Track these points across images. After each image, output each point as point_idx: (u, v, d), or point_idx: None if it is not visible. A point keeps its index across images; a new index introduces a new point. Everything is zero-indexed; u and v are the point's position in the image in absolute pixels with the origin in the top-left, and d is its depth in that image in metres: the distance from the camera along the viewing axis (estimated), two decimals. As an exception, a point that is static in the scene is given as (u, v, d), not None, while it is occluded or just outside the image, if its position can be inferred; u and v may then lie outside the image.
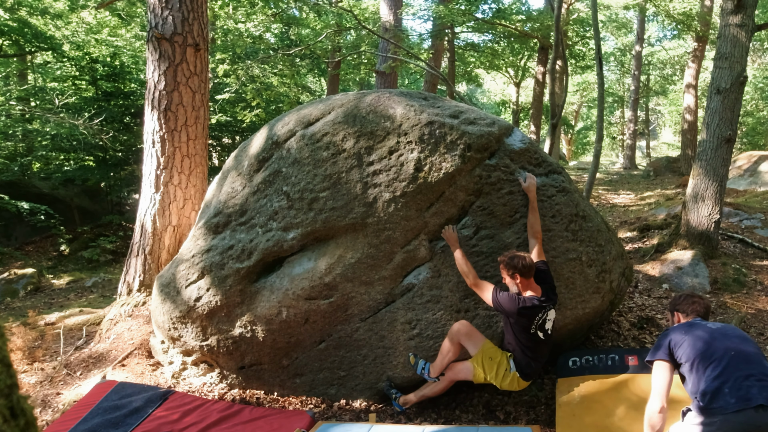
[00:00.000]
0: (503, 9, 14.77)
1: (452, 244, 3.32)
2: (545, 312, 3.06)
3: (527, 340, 3.05)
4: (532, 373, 3.14)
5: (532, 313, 3.01)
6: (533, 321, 3.01)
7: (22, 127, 11.17)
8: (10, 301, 7.59)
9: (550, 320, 3.10)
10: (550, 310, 3.09)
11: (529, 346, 3.07)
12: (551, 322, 3.11)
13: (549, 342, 3.14)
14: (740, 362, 2.26)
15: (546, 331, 3.09)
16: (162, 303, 4.00)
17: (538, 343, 3.07)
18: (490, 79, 27.77)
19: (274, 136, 3.72)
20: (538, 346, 3.08)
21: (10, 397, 0.85)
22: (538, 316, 3.03)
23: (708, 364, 2.31)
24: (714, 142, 5.55)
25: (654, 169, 15.46)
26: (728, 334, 2.41)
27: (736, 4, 5.41)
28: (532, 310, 3.00)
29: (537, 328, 3.04)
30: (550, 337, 3.13)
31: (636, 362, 3.34)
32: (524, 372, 3.12)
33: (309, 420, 3.31)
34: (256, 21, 12.93)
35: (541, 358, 3.15)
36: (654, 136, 30.44)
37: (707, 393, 2.23)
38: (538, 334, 3.06)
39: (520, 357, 3.09)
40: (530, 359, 3.10)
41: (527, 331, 3.03)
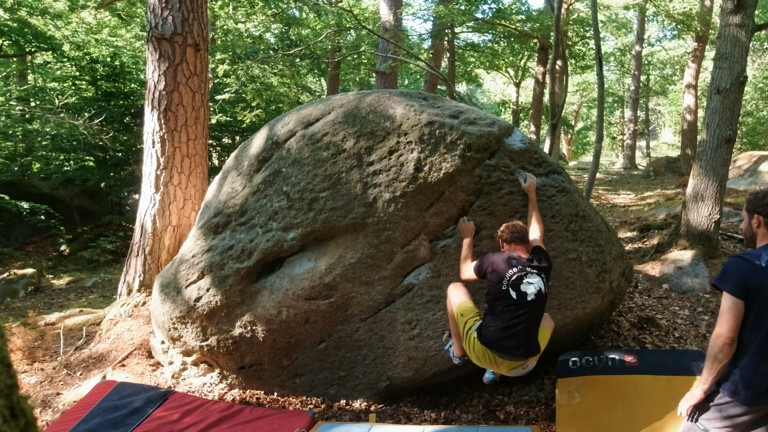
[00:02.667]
0: (503, 9, 14.76)
1: (467, 235, 3.24)
2: (524, 272, 2.79)
3: (497, 299, 2.79)
4: (494, 340, 2.76)
5: (503, 266, 2.79)
6: (504, 275, 2.77)
7: (22, 127, 11.17)
8: (10, 301, 7.59)
9: (531, 283, 2.77)
10: (533, 274, 2.80)
11: (497, 306, 2.79)
12: (533, 287, 2.77)
13: (528, 310, 2.76)
14: None
15: (523, 293, 2.76)
16: (162, 303, 4.01)
17: (511, 304, 2.75)
18: (490, 79, 27.76)
19: (274, 136, 3.72)
20: (509, 308, 2.75)
21: (10, 397, 0.85)
22: (511, 270, 2.78)
23: None
24: (714, 142, 5.55)
25: (654, 169, 15.46)
26: None
27: (736, 4, 5.41)
28: (502, 262, 2.80)
29: (509, 285, 2.76)
30: (531, 306, 2.76)
31: (636, 362, 3.34)
32: (482, 334, 2.81)
33: (309, 420, 3.31)
34: (256, 21, 12.92)
35: (514, 329, 2.74)
36: (654, 136, 30.44)
37: None
38: (510, 292, 2.76)
39: (487, 320, 2.83)
40: (493, 321, 2.79)
41: (499, 290, 2.78)
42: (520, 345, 2.78)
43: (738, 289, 1.96)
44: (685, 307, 4.94)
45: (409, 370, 3.59)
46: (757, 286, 1.94)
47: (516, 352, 2.78)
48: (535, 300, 2.77)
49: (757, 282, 1.94)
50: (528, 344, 2.81)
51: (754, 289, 1.94)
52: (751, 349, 1.97)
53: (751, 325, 1.96)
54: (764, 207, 2.07)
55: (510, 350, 2.77)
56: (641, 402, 3.13)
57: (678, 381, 3.16)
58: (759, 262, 1.96)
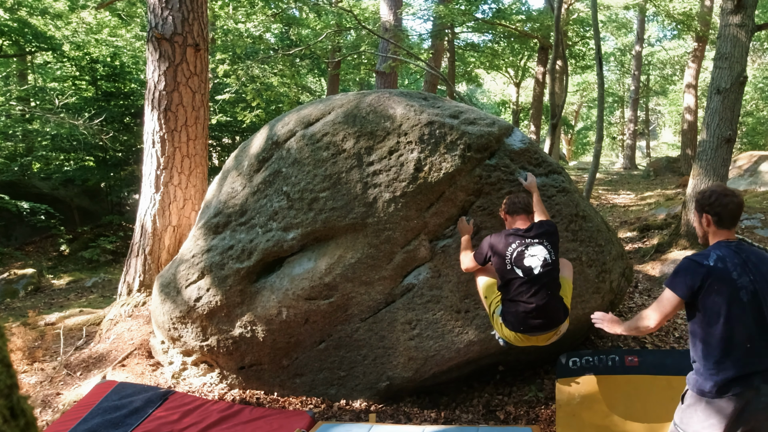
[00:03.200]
0: (503, 9, 14.76)
1: (464, 234, 3.20)
2: (523, 245, 2.70)
3: (507, 281, 2.73)
4: (519, 323, 2.73)
5: (502, 245, 2.72)
6: (505, 253, 2.71)
7: (22, 127, 11.17)
8: (10, 301, 7.59)
9: (533, 255, 2.68)
10: (534, 245, 2.71)
11: (510, 289, 2.72)
12: (536, 259, 2.68)
13: (540, 285, 2.67)
14: None
15: (528, 269, 2.67)
16: (162, 303, 4.01)
17: (522, 284, 2.68)
18: (490, 79, 27.76)
19: (274, 136, 3.72)
20: (521, 288, 2.68)
21: (10, 397, 0.85)
22: (510, 247, 2.70)
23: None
24: (714, 142, 5.55)
25: (654, 169, 15.46)
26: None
27: (736, 4, 5.41)
28: (501, 241, 2.74)
29: (513, 263, 2.69)
30: (541, 279, 2.67)
31: (636, 362, 3.34)
32: (507, 320, 2.77)
33: (309, 420, 3.31)
34: (256, 21, 12.92)
35: (534, 308, 2.68)
36: (654, 136, 30.44)
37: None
38: (516, 271, 2.68)
39: (506, 306, 2.78)
40: (512, 306, 2.74)
41: (504, 269, 2.73)
42: (545, 321, 2.72)
43: (683, 291, 2.00)
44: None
45: (409, 370, 3.59)
46: (705, 286, 1.96)
47: (544, 329, 2.74)
48: (543, 272, 2.68)
49: (706, 282, 1.96)
50: (553, 316, 2.73)
51: (703, 288, 1.97)
52: (710, 345, 1.99)
53: (707, 323, 1.99)
54: (711, 206, 2.07)
55: (537, 328, 2.73)
56: (641, 402, 3.13)
57: (678, 381, 3.15)
58: (707, 262, 1.99)
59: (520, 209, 2.85)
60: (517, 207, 2.85)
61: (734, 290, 1.95)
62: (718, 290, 1.95)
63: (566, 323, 2.86)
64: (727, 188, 2.09)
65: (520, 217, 2.85)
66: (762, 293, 1.97)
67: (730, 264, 1.97)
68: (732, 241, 2.07)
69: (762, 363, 1.93)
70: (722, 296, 1.95)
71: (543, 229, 2.80)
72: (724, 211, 2.05)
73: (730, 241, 2.06)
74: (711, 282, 1.95)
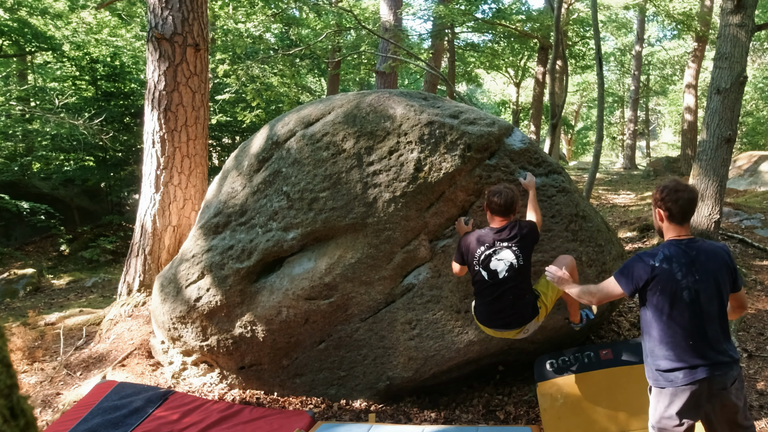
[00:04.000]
0: (503, 9, 14.76)
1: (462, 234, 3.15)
2: (491, 248, 2.75)
3: (475, 281, 2.85)
4: (485, 319, 2.87)
5: (473, 245, 2.79)
6: (475, 255, 2.79)
7: (22, 127, 11.16)
8: (10, 301, 7.59)
9: (500, 260, 2.73)
10: (503, 249, 2.75)
11: (477, 287, 2.85)
12: (503, 263, 2.73)
13: (504, 288, 2.74)
14: None
15: (493, 272, 2.74)
16: (162, 303, 4.01)
17: (487, 286, 2.77)
18: (490, 79, 27.76)
19: (274, 136, 3.72)
20: (487, 289, 2.78)
21: (10, 397, 0.85)
22: (479, 249, 2.77)
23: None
24: (714, 142, 5.55)
25: (654, 169, 15.46)
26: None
27: (736, 4, 5.40)
28: (473, 242, 2.80)
29: (480, 265, 2.77)
30: (505, 283, 2.74)
31: (611, 356, 3.34)
32: (477, 313, 2.93)
33: (309, 420, 3.31)
34: (256, 21, 12.92)
35: (497, 308, 2.78)
36: (654, 136, 30.44)
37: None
38: (482, 273, 2.76)
39: (476, 301, 2.92)
40: (480, 304, 2.87)
41: (472, 270, 2.83)
42: (507, 321, 2.83)
43: (627, 288, 2.10)
44: (685, 307, 4.93)
45: (409, 370, 3.59)
46: (650, 285, 2.03)
47: (507, 328, 2.85)
48: (507, 277, 2.74)
49: (651, 281, 2.03)
50: (515, 317, 2.82)
51: (648, 285, 2.04)
52: (655, 339, 2.08)
53: (653, 319, 2.07)
54: (664, 201, 2.08)
55: (502, 326, 2.86)
56: (622, 393, 3.14)
57: None
58: (653, 262, 2.04)
59: (496, 210, 2.84)
60: (493, 207, 2.84)
61: (677, 290, 2.01)
62: (662, 290, 2.02)
63: (536, 322, 2.90)
64: (681, 183, 2.10)
65: (497, 218, 2.86)
66: (705, 293, 2.02)
67: (675, 264, 2.01)
68: (683, 238, 2.08)
69: (705, 357, 2.01)
70: (665, 295, 2.02)
71: (515, 232, 2.80)
72: (675, 207, 2.06)
73: (681, 240, 2.08)
74: (656, 281, 2.02)
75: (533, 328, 2.93)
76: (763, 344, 4.20)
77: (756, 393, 3.52)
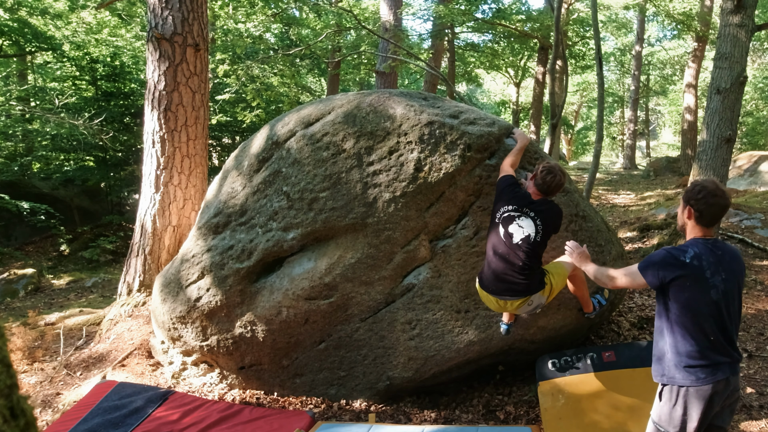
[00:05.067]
0: (503, 9, 14.77)
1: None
2: (518, 212, 2.79)
3: (490, 232, 2.89)
4: (487, 282, 2.88)
5: (504, 199, 2.84)
6: (500, 208, 2.84)
7: (22, 127, 11.16)
8: (10, 301, 7.59)
9: (521, 227, 2.76)
10: (527, 218, 2.78)
11: (489, 242, 2.89)
12: (522, 231, 2.76)
13: (513, 252, 2.76)
14: None
15: (509, 234, 2.77)
16: (162, 303, 4.01)
17: (497, 243, 2.82)
18: (490, 79, 27.76)
19: (274, 136, 3.72)
20: (496, 248, 2.83)
21: (10, 397, 0.85)
22: (507, 206, 2.81)
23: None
24: (714, 142, 5.55)
25: (654, 169, 15.45)
26: None
27: (736, 4, 5.40)
28: (505, 195, 2.84)
29: (500, 220, 2.83)
30: (515, 249, 2.76)
31: (613, 358, 3.34)
32: (480, 276, 2.95)
33: (309, 420, 3.31)
34: (256, 21, 12.91)
35: (500, 271, 2.80)
36: (654, 136, 30.43)
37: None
38: (499, 228, 2.81)
39: (484, 262, 2.94)
40: (488, 267, 2.88)
41: (492, 219, 2.88)
42: (506, 287, 2.82)
43: (653, 281, 2.08)
44: (685, 307, 4.93)
45: (409, 370, 3.59)
46: (678, 281, 2.02)
47: (507, 294, 2.82)
48: (520, 245, 2.77)
49: (680, 278, 2.02)
50: (516, 285, 2.81)
51: (674, 281, 2.03)
52: (680, 337, 2.06)
53: (677, 316, 2.05)
54: (697, 201, 2.08)
55: (502, 292, 2.83)
56: (624, 396, 3.14)
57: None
58: (684, 258, 2.04)
59: (541, 185, 2.84)
60: (539, 182, 2.85)
61: (706, 288, 2.02)
62: (690, 287, 2.02)
63: (542, 295, 2.88)
64: (719, 188, 2.09)
65: (538, 192, 2.88)
66: (730, 293, 2.05)
67: (705, 262, 2.03)
68: (709, 238, 2.10)
69: (727, 355, 2.04)
70: (694, 293, 2.02)
71: (545, 208, 2.83)
72: (708, 210, 2.06)
73: (707, 239, 2.10)
74: (685, 278, 2.02)
75: (537, 302, 2.90)
76: (763, 344, 4.21)
77: (756, 393, 3.52)
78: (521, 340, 3.58)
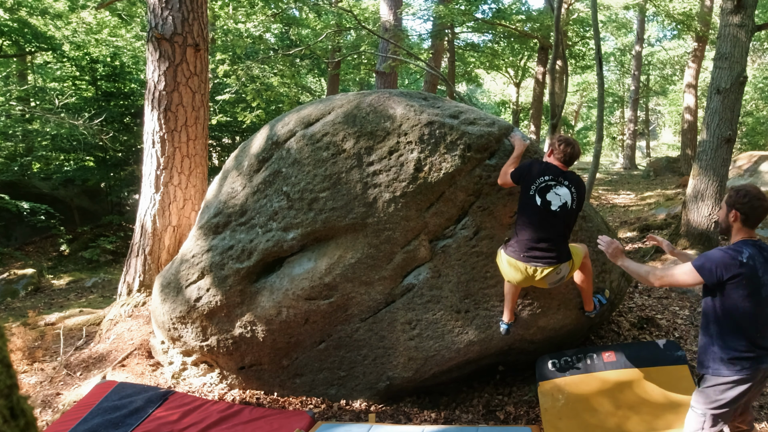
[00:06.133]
0: (503, 9, 14.75)
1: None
2: (554, 181, 2.87)
3: (523, 206, 2.90)
4: (521, 249, 2.89)
5: (536, 171, 2.88)
6: (535, 180, 2.88)
7: (22, 128, 11.16)
8: (10, 301, 7.59)
9: (558, 194, 2.86)
10: (563, 186, 2.88)
11: (523, 215, 2.90)
12: (559, 199, 2.85)
13: (551, 220, 2.85)
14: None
15: (547, 202, 2.84)
16: (162, 303, 4.01)
17: (535, 213, 2.86)
18: (490, 79, 27.75)
19: (274, 136, 3.72)
20: (533, 217, 2.86)
21: (10, 397, 0.85)
22: (542, 177, 2.87)
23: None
24: (714, 142, 5.55)
25: (654, 169, 15.46)
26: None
27: (736, 4, 5.41)
28: (537, 168, 2.89)
29: (536, 191, 2.87)
30: (554, 216, 2.85)
31: (614, 358, 3.34)
32: (510, 248, 2.93)
33: (309, 420, 3.31)
34: (256, 21, 12.90)
35: (539, 237, 2.85)
36: (654, 136, 30.43)
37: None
38: (536, 199, 2.85)
39: (516, 231, 2.95)
40: (520, 232, 2.90)
41: (526, 194, 2.89)
42: (546, 253, 2.87)
43: (710, 279, 2.20)
44: (685, 307, 4.94)
45: (409, 370, 3.59)
46: (735, 280, 2.16)
47: (544, 258, 2.87)
48: (558, 212, 2.86)
49: (737, 277, 2.16)
50: (554, 251, 2.89)
51: (731, 280, 2.17)
52: (728, 329, 2.22)
53: (729, 310, 2.21)
54: (743, 205, 2.25)
55: (537, 259, 2.87)
56: (624, 396, 3.14)
57: (656, 371, 3.20)
58: (741, 258, 2.18)
59: (562, 157, 2.94)
60: (559, 153, 2.95)
61: (758, 286, 2.19)
62: (745, 285, 2.18)
63: (568, 266, 2.96)
64: (760, 192, 2.28)
65: (559, 164, 2.97)
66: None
67: (757, 263, 2.21)
68: (755, 240, 2.28)
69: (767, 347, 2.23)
70: (747, 290, 2.18)
71: (575, 177, 2.95)
72: (753, 214, 2.26)
73: (755, 240, 2.27)
74: (741, 277, 2.17)
75: (564, 272, 2.96)
76: (763, 344, 4.20)
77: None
78: (521, 340, 3.58)
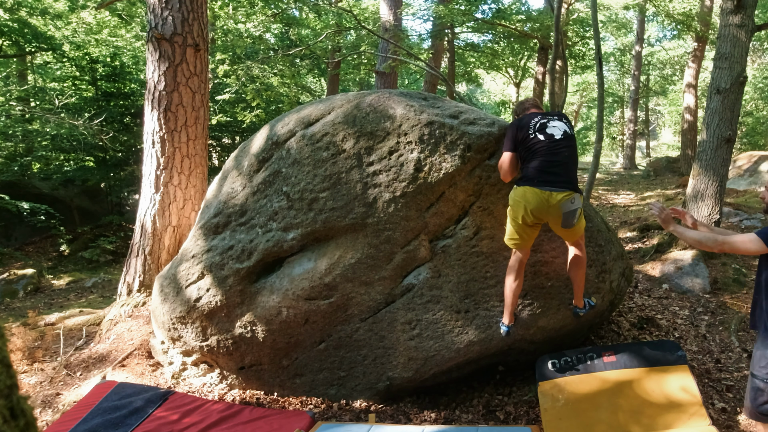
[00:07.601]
0: (503, 9, 14.75)
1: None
2: (546, 118, 3.01)
3: (528, 149, 2.97)
4: (538, 174, 2.91)
5: (526, 120, 3.03)
6: (529, 124, 3.00)
7: (22, 128, 11.16)
8: (10, 301, 7.59)
9: (555, 126, 2.98)
10: (555, 120, 3.02)
11: (530, 153, 2.95)
12: (558, 129, 2.97)
13: (559, 147, 2.93)
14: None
15: (550, 134, 2.95)
16: (162, 303, 4.01)
17: (542, 146, 2.93)
18: (490, 79, 27.76)
19: (274, 137, 3.72)
20: (542, 149, 2.93)
21: (10, 397, 0.85)
22: (534, 119, 3.01)
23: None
24: (714, 142, 5.56)
25: (654, 169, 15.45)
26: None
27: (736, 4, 5.41)
28: (525, 119, 3.04)
29: (536, 131, 2.97)
30: (561, 143, 2.94)
31: (614, 358, 3.34)
32: (525, 176, 2.96)
33: (309, 420, 3.31)
34: (256, 21, 12.90)
35: (551, 162, 2.90)
36: (654, 136, 30.42)
37: None
38: (538, 136, 2.95)
39: (526, 166, 2.99)
40: (535, 164, 2.93)
41: (527, 138, 2.97)
42: (562, 177, 2.92)
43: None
44: (685, 307, 4.94)
45: (409, 370, 3.59)
46: None
47: (558, 183, 2.91)
48: (563, 138, 2.97)
49: None
50: (570, 175, 2.97)
51: None
52: None
53: None
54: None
55: (553, 182, 2.90)
56: (624, 396, 3.14)
57: (656, 371, 3.19)
58: None
59: (530, 106, 3.22)
60: (526, 105, 3.21)
61: None
62: None
63: (581, 199, 2.99)
64: None
65: (534, 110, 3.19)
66: None
67: None
68: None
69: None
70: None
71: (563, 115, 3.12)
72: None
73: None
74: None
75: (577, 204, 2.93)
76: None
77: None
78: (521, 340, 3.58)
